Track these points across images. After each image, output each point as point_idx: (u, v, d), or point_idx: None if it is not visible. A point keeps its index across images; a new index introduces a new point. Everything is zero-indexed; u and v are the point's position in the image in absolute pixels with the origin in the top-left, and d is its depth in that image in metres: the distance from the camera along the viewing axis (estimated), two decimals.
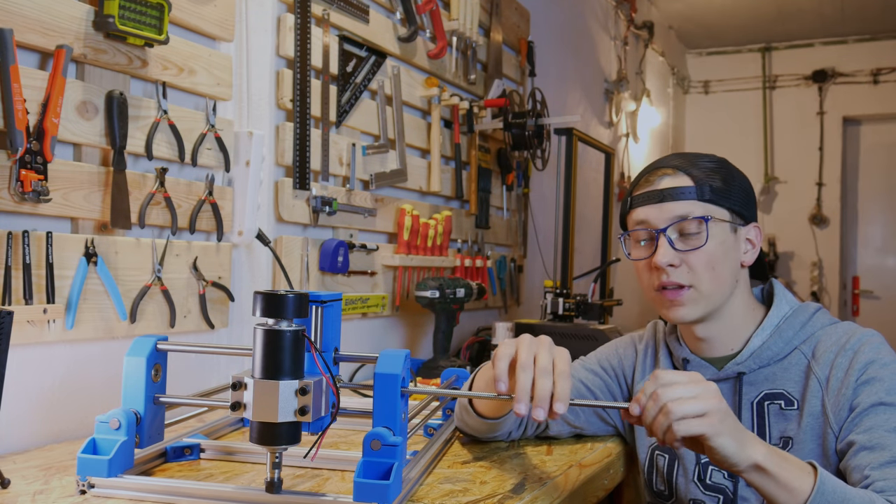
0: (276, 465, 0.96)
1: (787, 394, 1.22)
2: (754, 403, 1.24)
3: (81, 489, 1.00)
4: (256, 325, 0.95)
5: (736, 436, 0.98)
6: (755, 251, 1.28)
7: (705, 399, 0.97)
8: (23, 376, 1.29)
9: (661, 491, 1.32)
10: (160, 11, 1.40)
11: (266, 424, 0.94)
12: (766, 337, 1.26)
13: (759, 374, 1.25)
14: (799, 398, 1.21)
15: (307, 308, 0.97)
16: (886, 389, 1.12)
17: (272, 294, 0.94)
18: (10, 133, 1.19)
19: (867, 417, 1.11)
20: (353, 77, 2.04)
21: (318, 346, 1.04)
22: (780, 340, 1.25)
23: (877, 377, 1.14)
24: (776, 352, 1.24)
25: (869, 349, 1.18)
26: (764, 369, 1.25)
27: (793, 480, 0.98)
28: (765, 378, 1.24)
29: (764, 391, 1.24)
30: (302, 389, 0.94)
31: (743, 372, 1.25)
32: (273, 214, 1.82)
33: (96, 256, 1.36)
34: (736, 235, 1.26)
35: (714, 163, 1.27)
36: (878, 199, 5.58)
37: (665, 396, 0.98)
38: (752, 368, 1.25)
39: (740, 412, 1.24)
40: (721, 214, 1.24)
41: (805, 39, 5.64)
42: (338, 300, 1.08)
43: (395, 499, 0.94)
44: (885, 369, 1.15)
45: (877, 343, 1.19)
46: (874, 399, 1.12)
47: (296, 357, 0.95)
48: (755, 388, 1.25)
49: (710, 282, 1.23)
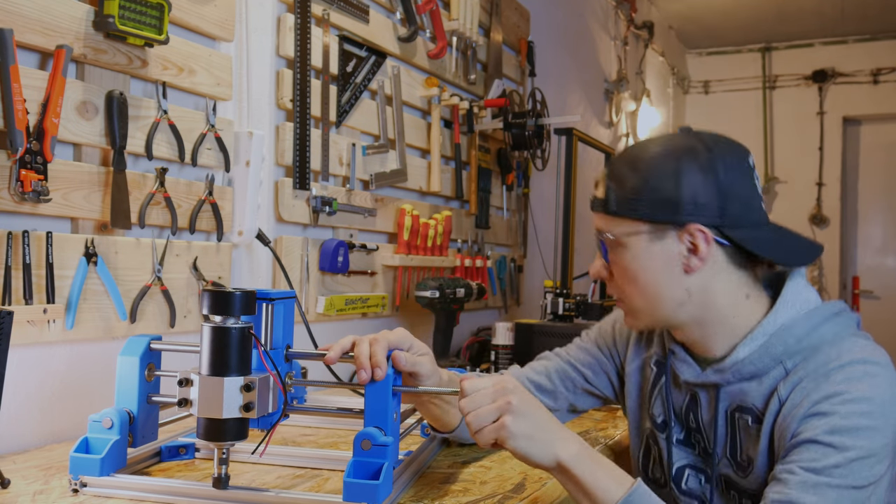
0: (223, 462, 0.97)
1: (755, 409, 1.10)
2: (728, 413, 1.14)
3: (74, 488, 1.00)
4: (204, 322, 0.96)
5: (537, 436, 0.97)
6: (701, 257, 1.08)
7: (499, 406, 0.97)
8: (23, 376, 1.29)
9: (657, 478, 1.27)
10: (160, 11, 1.40)
11: (212, 420, 0.95)
12: (754, 348, 1.10)
13: (736, 386, 1.12)
14: (761, 416, 1.09)
15: (255, 305, 0.99)
16: (830, 427, 0.98)
17: (219, 292, 0.95)
18: (10, 133, 1.19)
19: (794, 451, 1.00)
20: (353, 77, 2.04)
21: (269, 343, 1.05)
22: (766, 356, 1.09)
23: (828, 412, 1.00)
24: (759, 368, 1.09)
25: (843, 378, 1.02)
26: (742, 383, 1.11)
27: (598, 489, 0.96)
28: (740, 389, 1.12)
29: (737, 402, 1.12)
30: (247, 386, 0.95)
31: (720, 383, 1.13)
32: (273, 214, 1.82)
33: (96, 256, 1.36)
34: (663, 243, 1.09)
35: (632, 163, 1.11)
36: (878, 199, 5.59)
37: (465, 407, 0.99)
38: (729, 381, 1.12)
39: (716, 420, 1.14)
40: (629, 227, 1.10)
41: (805, 39, 5.64)
42: (290, 298, 1.08)
43: (386, 499, 0.94)
44: (844, 406, 1.00)
45: (858, 374, 1.02)
46: (811, 434, 0.99)
47: (242, 354, 0.96)
48: (730, 397, 1.13)
49: (637, 297, 1.13)
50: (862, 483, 0.97)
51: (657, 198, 1.08)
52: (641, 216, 1.09)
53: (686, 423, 1.19)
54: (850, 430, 0.98)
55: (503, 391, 0.99)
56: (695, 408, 1.17)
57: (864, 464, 0.98)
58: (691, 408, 1.18)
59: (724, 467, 1.14)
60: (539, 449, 0.97)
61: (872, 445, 0.98)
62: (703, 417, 1.16)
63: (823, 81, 5.59)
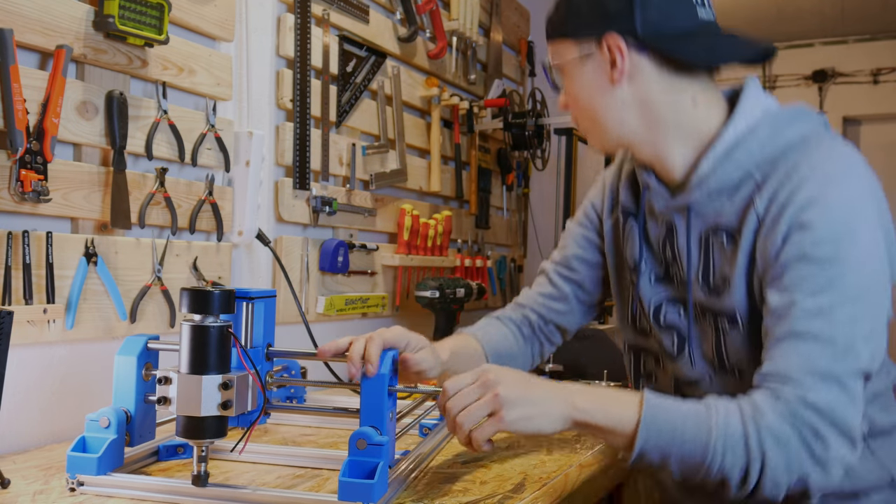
0: (203, 459, 0.98)
1: (731, 229, 1.07)
2: (702, 236, 1.11)
3: (71, 487, 1.01)
4: (183, 320, 0.97)
5: (535, 412, 0.97)
6: (620, 68, 1.07)
7: (486, 398, 0.97)
8: (23, 376, 1.29)
9: (644, 328, 1.23)
10: (160, 11, 1.40)
11: (190, 418, 0.96)
12: (717, 159, 1.07)
13: (708, 205, 1.09)
14: (737, 234, 1.06)
15: (234, 304, 1.00)
16: (814, 240, 0.97)
17: (197, 290, 0.96)
18: (10, 133, 1.19)
19: (787, 272, 0.98)
20: (353, 77, 2.04)
21: (248, 342, 1.05)
22: (730, 166, 1.06)
23: (809, 223, 0.98)
24: (725, 181, 1.06)
25: (815, 182, 0.99)
26: (714, 201, 1.09)
27: (614, 423, 0.97)
28: (714, 209, 1.09)
29: (712, 224, 1.09)
30: (225, 384, 0.96)
31: (690, 204, 1.10)
32: (273, 214, 1.82)
33: (96, 256, 1.36)
34: (591, 60, 1.10)
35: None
36: None
37: (453, 409, 0.98)
38: (699, 200, 1.09)
39: (689, 242, 1.12)
40: (563, 50, 1.13)
41: (805, 39, 5.63)
42: (270, 297, 1.09)
43: (381, 498, 0.94)
44: (823, 214, 0.98)
45: (831, 172, 1.00)
46: (798, 251, 0.98)
47: (221, 352, 0.97)
48: (703, 219, 1.11)
49: (585, 120, 1.16)
50: (864, 288, 0.97)
51: (575, 13, 1.11)
52: (568, 35, 1.12)
53: (664, 257, 1.18)
54: (836, 238, 0.97)
55: (486, 384, 0.98)
56: (671, 238, 1.16)
57: (861, 268, 0.97)
58: (668, 239, 1.16)
59: (697, 292, 1.13)
60: (543, 422, 0.97)
61: (862, 247, 0.98)
62: (679, 245, 1.15)
63: (823, 81, 5.58)
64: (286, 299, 1.78)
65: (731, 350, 1.09)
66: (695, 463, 0.95)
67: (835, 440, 0.93)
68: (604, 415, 0.98)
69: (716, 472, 0.94)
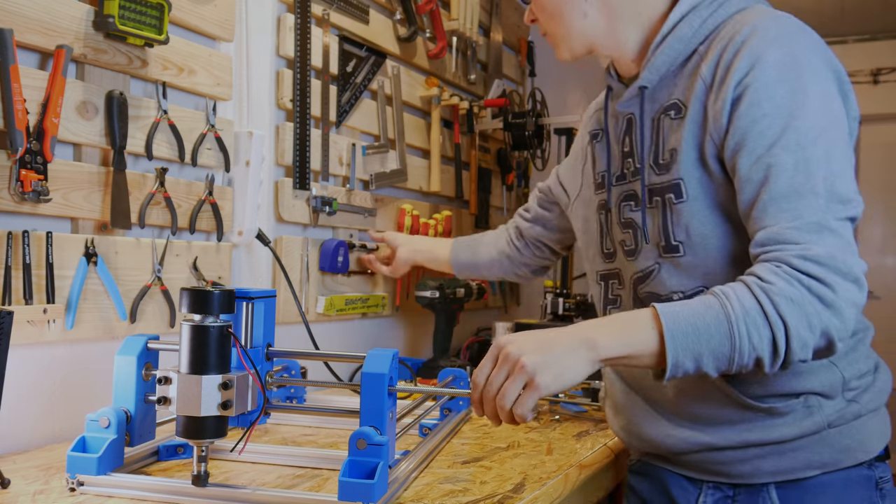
0: (203, 459, 0.98)
1: (679, 102, 1.11)
2: (654, 119, 1.15)
3: (71, 487, 1.01)
4: (183, 320, 0.97)
5: (562, 366, 0.96)
6: None
7: (516, 372, 0.96)
8: (23, 376, 1.29)
9: (609, 251, 1.26)
10: (160, 11, 1.40)
11: (190, 419, 0.96)
12: (661, 39, 1.13)
13: (660, 87, 1.14)
14: (686, 103, 1.09)
15: (233, 304, 1.00)
16: (767, 95, 1.00)
17: (197, 290, 0.96)
18: (10, 133, 1.19)
19: (749, 135, 1.01)
20: (353, 77, 2.04)
21: (248, 342, 1.05)
22: (676, 43, 1.11)
23: (757, 80, 1.00)
24: (673, 58, 1.12)
25: (759, 41, 1.02)
26: (666, 80, 1.14)
27: (638, 348, 0.97)
28: (667, 91, 1.13)
29: (663, 104, 1.13)
30: (224, 384, 0.96)
31: (644, 86, 1.15)
32: (273, 214, 1.82)
33: (96, 256, 1.36)
34: None
35: None
36: (878, 200, 5.58)
37: (489, 396, 0.98)
38: (652, 81, 1.14)
39: (643, 129, 1.15)
40: None
41: None
42: (270, 297, 1.09)
43: (381, 498, 0.94)
44: (769, 69, 1.00)
45: (773, 32, 1.03)
46: (754, 110, 1.00)
47: (221, 352, 0.97)
48: (657, 103, 1.14)
49: (552, 24, 1.21)
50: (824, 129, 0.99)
51: None
52: None
53: (622, 153, 1.20)
54: (788, 90, 1.00)
55: (508, 360, 0.97)
56: (630, 130, 1.19)
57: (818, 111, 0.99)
58: (628, 132, 1.20)
59: (648, 176, 1.15)
60: (574, 374, 0.96)
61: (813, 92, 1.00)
62: (635, 134, 1.18)
63: None
64: (286, 299, 1.78)
65: (677, 226, 1.10)
66: (726, 354, 0.95)
67: (841, 285, 0.94)
68: (625, 344, 0.97)
69: (748, 356, 0.95)
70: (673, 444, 1.16)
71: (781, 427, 1.09)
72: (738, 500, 1.13)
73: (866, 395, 1.12)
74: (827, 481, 1.09)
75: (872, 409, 1.13)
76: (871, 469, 1.12)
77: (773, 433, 1.09)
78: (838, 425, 1.10)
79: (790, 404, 1.09)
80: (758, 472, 1.11)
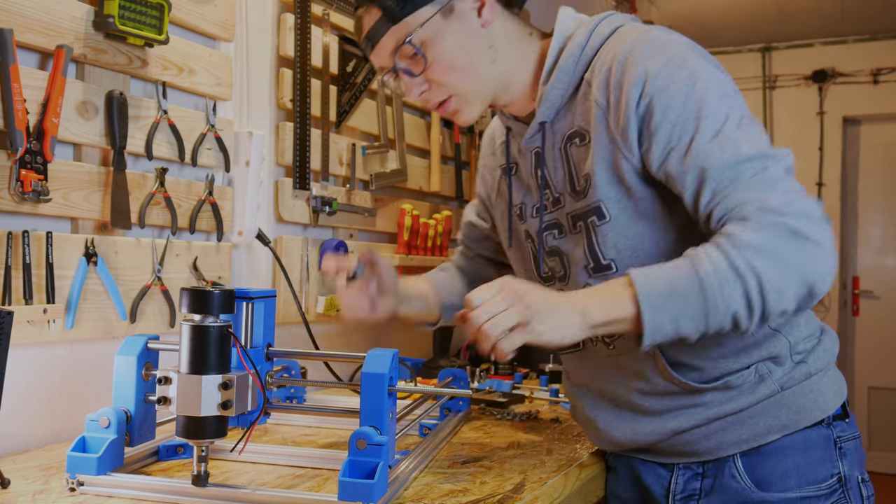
0: (203, 459, 0.98)
1: (580, 129, 1.14)
2: (560, 149, 1.17)
3: (71, 487, 1.01)
4: (183, 320, 0.97)
5: (559, 319, 0.97)
6: (490, 4, 1.14)
7: (516, 308, 0.96)
8: (23, 376, 1.29)
9: (547, 276, 1.26)
10: (160, 11, 1.40)
11: (190, 419, 0.96)
12: (547, 76, 1.15)
13: (558, 118, 1.17)
14: (588, 129, 1.12)
15: (233, 304, 1.00)
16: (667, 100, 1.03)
17: (197, 290, 0.96)
18: (10, 133, 1.19)
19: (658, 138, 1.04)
20: (352, 77, 2.03)
21: (248, 342, 1.05)
22: (563, 76, 1.14)
23: (654, 97, 1.04)
24: (563, 90, 1.15)
25: (639, 58, 1.06)
26: (562, 112, 1.17)
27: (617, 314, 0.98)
28: (567, 121, 1.16)
29: (566, 134, 1.16)
30: (225, 384, 0.96)
31: (544, 122, 1.17)
32: (273, 214, 1.82)
33: (96, 256, 1.36)
34: (455, 13, 1.13)
35: None
36: (878, 199, 5.58)
37: (478, 319, 0.97)
38: (549, 115, 1.17)
39: (552, 162, 1.18)
40: (421, 20, 1.11)
41: (805, 39, 5.63)
42: (270, 297, 1.09)
43: (381, 498, 0.94)
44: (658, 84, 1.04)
45: (649, 46, 1.07)
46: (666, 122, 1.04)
47: (221, 352, 0.97)
48: (558, 133, 1.17)
49: (460, 81, 1.15)
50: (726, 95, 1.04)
51: None
52: (424, 1, 1.11)
53: (539, 185, 1.22)
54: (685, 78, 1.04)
55: (515, 294, 0.98)
56: (540, 163, 1.20)
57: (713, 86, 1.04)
58: (538, 165, 1.21)
59: (568, 204, 1.17)
60: (566, 332, 0.98)
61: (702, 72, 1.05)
62: (546, 167, 1.20)
63: (823, 81, 5.58)
64: (286, 299, 1.78)
65: (604, 246, 1.13)
66: (701, 312, 0.96)
67: (805, 225, 0.96)
68: (605, 311, 0.99)
69: (723, 313, 0.96)
70: (643, 438, 1.20)
71: (738, 398, 1.13)
72: (707, 474, 1.18)
73: (813, 355, 1.16)
74: (787, 443, 1.14)
75: (822, 369, 1.17)
76: (830, 428, 1.16)
77: (730, 405, 1.13)
78: (790, 386, 1.14)
79: (742, 375, 1.13)
80: (722, 445, 1.15)
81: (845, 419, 1.19)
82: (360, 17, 1.16)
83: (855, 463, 1.17)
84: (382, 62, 1.16)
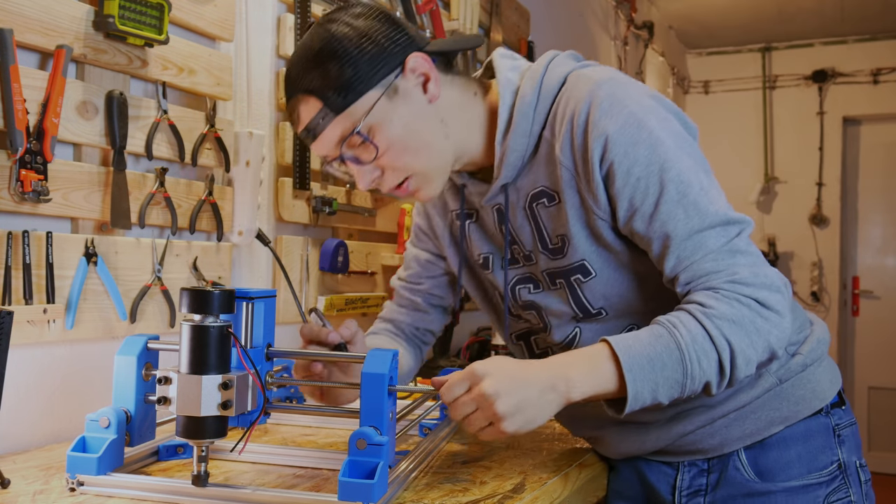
0: (203, 459, 0.98)
1: (546, 189, 1.13)
2: (525, 208, 1.16)
3: (71, 487, 1.01)
4: (183, 320, 0.97)
5: (533, 411, 0.97)
6: (435, 78, 1.09)
7: (484, 413, 0.96)
8: (23, 376, 1.29)
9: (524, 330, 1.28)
10: (160, 11, 1.40)
11: (190, 419, 0.96)
12: (502, 137, 1.13)
13: (520, 177, 1.15)
14: (557, 191, 1.12)
15: (233, 304, 1.00)
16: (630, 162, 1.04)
17: (197, 290, 0.96)
18: (10, 133, 1.19)
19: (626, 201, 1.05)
20: None
21: (248, 342, 1.05)
22: (520, 138, 1.12)
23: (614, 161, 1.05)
24: (522, 151, 1.12)
25: (598, 118, 1.05)
26: (524, 171, 1.15)
27: (601, 387, 1.00)
28: (529, 180, 1.14)
29: (529, 192, 1.15)
30: (224, 384, 0.96)
31: (505, 183, 1.15)
32: (273, 214, 1.82)
33: (96, 256, 1.36)
34: (400, 93, 1.08)
35: (315, 62, 1.05)
36: (878, 199, 5.59)
37: (457, 414, 0.98)
38: (511, 176, 1.14)
39: (517, 220, 1.17)
40: (366, 107, 1.06)
41: (805, 39, 5.64)
42: (270, 297, 1.09)
43: (381, 498, 0.94)
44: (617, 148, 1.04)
45: (605, 104, 1.05)
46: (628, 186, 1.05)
47: (221, 352, 0.97)
48: (521, 191, 1.16)
49: (415, 161, 1.10)
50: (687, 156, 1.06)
51: (362, 61, 1.05)
52: (367, 87, 1.05)
53: (504, 240, 1.21)
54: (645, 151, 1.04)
55: (481, 396, 0.96)
56: (504, 220, 1.19)
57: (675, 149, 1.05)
58: (501, 223, 1.20)
59: (542, 261, 1.17)
60: (543, 417, 0.99)
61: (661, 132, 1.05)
62: (512, 225, 1.19)
63: (823, 81, 5.58)
64: (286, 299, 1.78)
65: (592, 297, 1.15)
66: (679, 381, 1.00)
67: (770, 297, 1.01)
68: (590, 386, 1.00)
69: (698, 381, 1.01)
70: (651, 446, 1.21)
71: (739, 395, 1.15)
72: (712, 470, 1.20)
73: (806, 345, 1.19)
74: (789, 434, 1.17)
75: (817, 359, 1.20)
76: (828, 416, 1.19)
77: (732, 402, 1.16)
78: (788, 378, 1.16)
79: None
80: (727, 441, 1.17)
81: (842, 406, 1.22)
82: (295, 107, 1.08)
83: (853, 449, 1.20)
84: (326, 152, 1.10)
